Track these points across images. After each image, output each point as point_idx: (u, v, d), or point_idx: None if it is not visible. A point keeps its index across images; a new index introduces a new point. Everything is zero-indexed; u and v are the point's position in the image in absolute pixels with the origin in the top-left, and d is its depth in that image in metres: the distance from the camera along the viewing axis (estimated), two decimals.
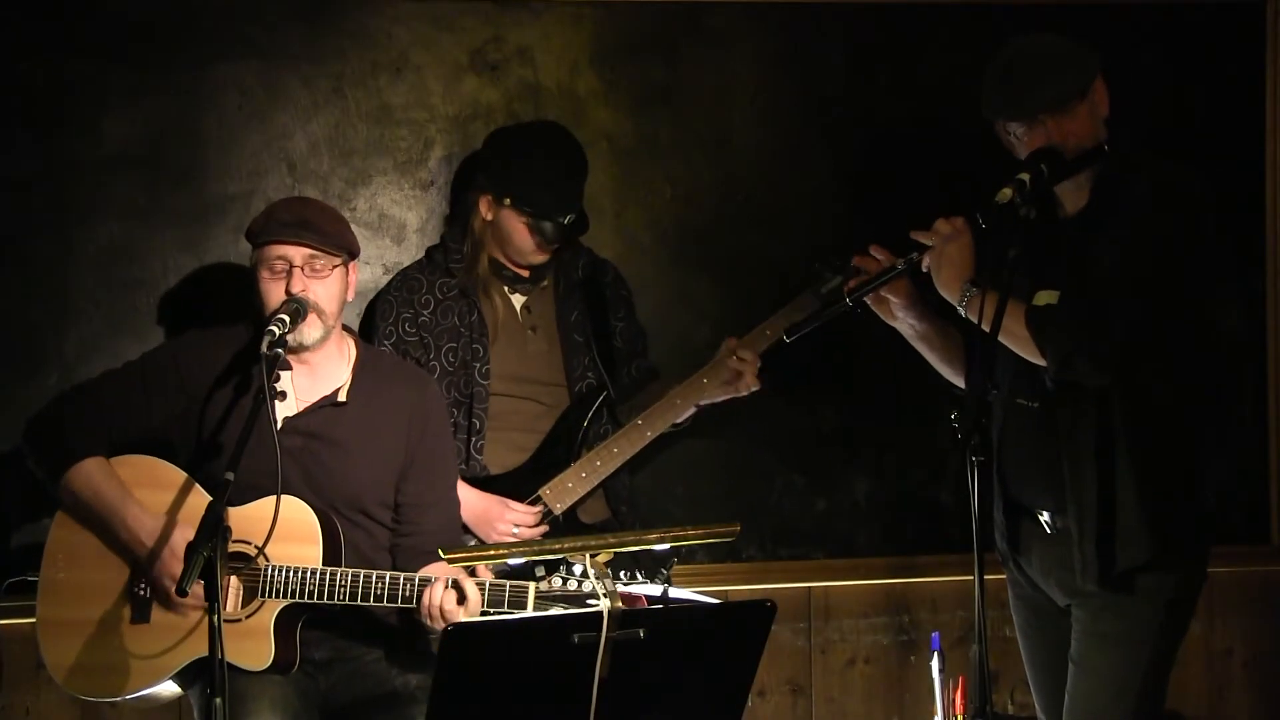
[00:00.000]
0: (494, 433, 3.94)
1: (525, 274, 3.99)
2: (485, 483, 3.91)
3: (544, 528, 3.89)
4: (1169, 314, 3.26)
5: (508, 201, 3.88)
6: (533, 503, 3.90)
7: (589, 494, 3.93)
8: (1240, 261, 4.45)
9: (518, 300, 4.02)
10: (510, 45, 4.24)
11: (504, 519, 3.86)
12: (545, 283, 4.04)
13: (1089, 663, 3.37)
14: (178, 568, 3.39)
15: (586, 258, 4.10)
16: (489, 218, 3.93)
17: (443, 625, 3.31)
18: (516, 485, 3.92)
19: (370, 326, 4.04)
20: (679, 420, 3.95)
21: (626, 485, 4.09)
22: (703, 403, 3.94)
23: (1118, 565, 3.29)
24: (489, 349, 3.95)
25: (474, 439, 3.92)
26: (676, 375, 3.97)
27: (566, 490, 3.90)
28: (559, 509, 3.90)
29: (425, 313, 3.95)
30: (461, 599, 3.36)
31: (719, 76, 4.34)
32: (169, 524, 3.45)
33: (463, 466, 3.91)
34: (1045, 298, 3.31)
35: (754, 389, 3.90)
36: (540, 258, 3.95)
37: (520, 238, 3.91)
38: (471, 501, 3.85)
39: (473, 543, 3.88)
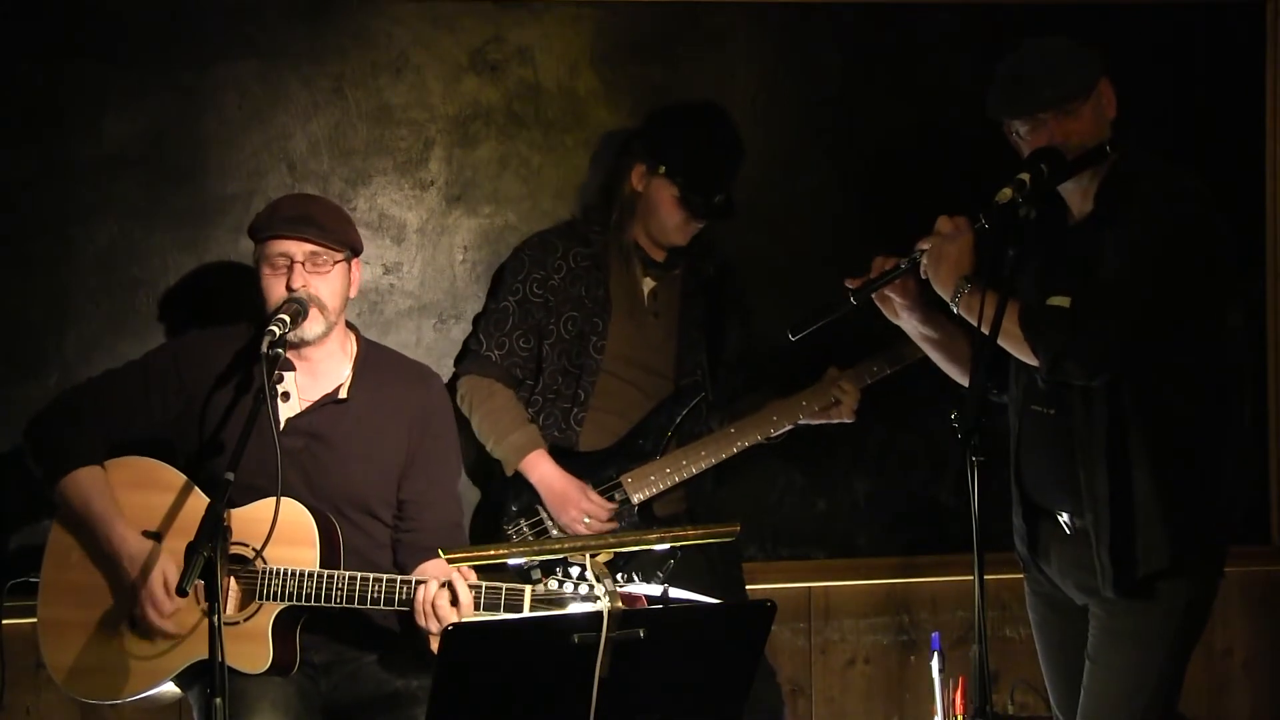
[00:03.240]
0: (590, 410, 3.97)
1: (659, 258, 4.01)
2: (570, 457, 3.94)
3: (614, 524, 3.92)
4: (1176, 318, 3.26)
5: (662, 170, 3.91)
6: (613, 487, 3.94)
7: (668, 490, 3.97)
8: (1240, 261, 4.45)
9: (647, 284, 4.04)
10: (510, 45, 4.24)
11: (580, 505, 3.90)
12: (676, 272, 4.06)
13: (1105, 660, 3.38)
14: (154, 597, 3.39)
15: (719, 259, 4.12)
16: (639, 188, 3.96)
17: (437, 626, 3.31)
18: (598, 466, 3.96)
19: (498, 283, 4.08)
20: (773, 434, 3.98)
21: (710, 488, 4.11)
22: (800, 422, 3.98)
23: (1139, 571, 3.30)
24: (609, 325, 3.97)
25: (576, 410, 3.96)
26: (778, 389, 4.02)
27: (648, 482, 3.94)
28: (637, 499, 3.94)
29: (556, 277, 3.98)
30: (455, 600, 3.35)
31: (719, 76, 4.34)
32: (152, 551, 3.44)
33: (556, 434, 3.96)
34: (1056, 304, 3.32)
35: (848, 420, 3.97)
36: (681, 237, 3.97)
37: (667, 211, 3.93)
38: (553, 479, 3.90)
39: (551, 526, 3.93)
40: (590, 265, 4.00)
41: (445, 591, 3.34)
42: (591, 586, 3.13)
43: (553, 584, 3.25)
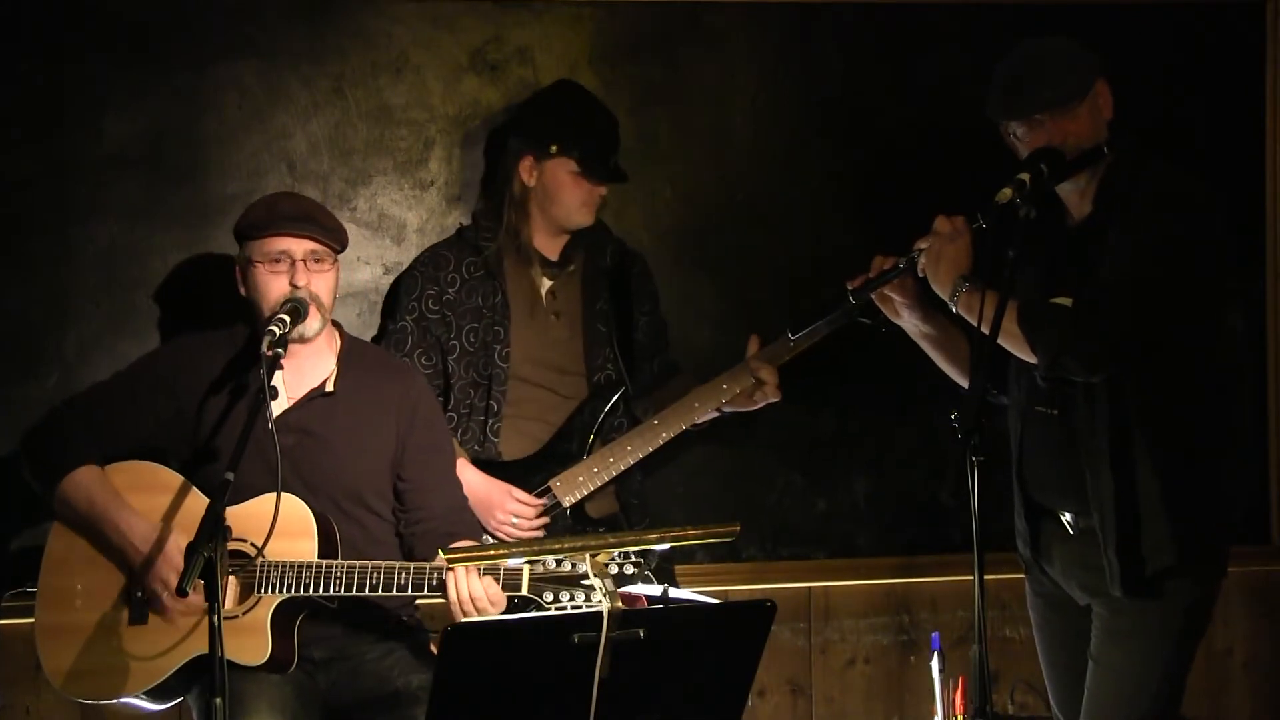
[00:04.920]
0: (507, 420, 3.94)
1: (554, 256, 3.98)
2: (496, 468, 3.91)
3: (545, 520, 3.89)
4: (1174, 317, 3.26)
5: (554, 150, 3.88)
6: (542, 493, 3.91)
7: (599, 489, 3.93)
8: (1240, 261, 4.45)
9: (544, 284, 4.01)
10: (510, 45, 4.24)
11: (505, 507, 3.85)
12: (572, 268, 4.03)
13: (1108, 660, 3.38)
14: (171, 572, 3.40)
15: (616, 246, 4.10)
16: (530, 182, 3.93)
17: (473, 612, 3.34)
18: (526, 474, 3.92)
19: (394, 302, 4.05)
20: (697, 421, 3.95)
21: (638, 481, 4.09)
22: (724, 409, 3.94)
23: (1146, 570, 3.30)
24: (510, 331, 3.94)
25: (490, 421, 3.92)
26: (697, 375, 3.99)
27: (577, 484, 3.90)
28: (568, 502, 3.90)
29: (451, 290, 3.95)
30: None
31: (719, 76, 4.34)
32: (163, 529, 3.45)
33: (476, 448, 3.92)
34: (1058, 303, 3.32)
35: (772, 400, 3.90)
36: (587, 215, 3.94)
37: (568, 192, 3.90)
38: (476, 485, 3.85)
39: (485, 537, 3.88)
40: (484, 274, 3.95)
41: (489, 576, 3.33)
42: (587, 574, 3.14)
43: (551, 589, 3.25)
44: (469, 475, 3.86)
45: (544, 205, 3.93)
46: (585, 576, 3.18)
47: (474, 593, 3.34)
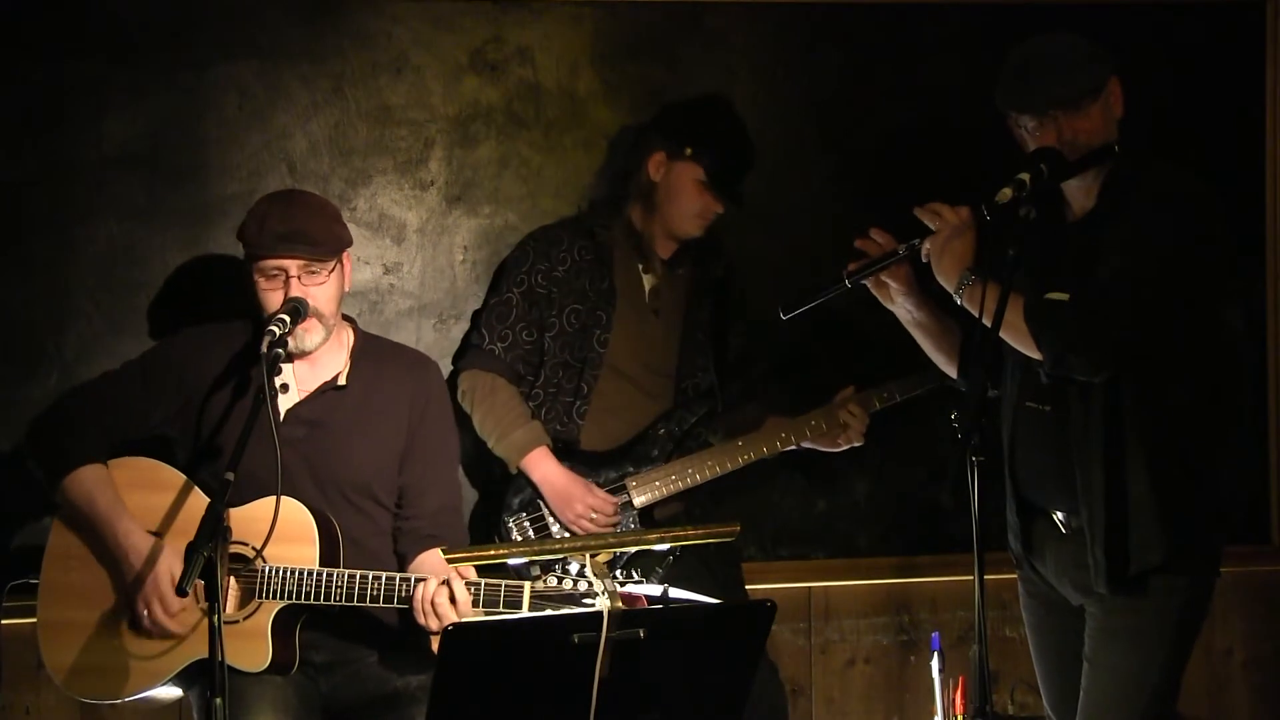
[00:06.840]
0: (591, 408, 3.96)
1: (666, 255, 4.01)
2: (571, 456, 3.93)
3: (618, 517, 3.92)
4: (1176, 315, 3.26)
5: (688, 152, 3.90)
6: (618, 489, 3.94)
7: (671, 497, 3.98)
8: (1240, 261, 4.45)
9: (648, 281, 4.02)
10: (510, 45, 4.24)
11: (584, 501, 3.88)
12: (681, 270, 4.05)
13: (1103, 660, 3.38)
14: (155, 597, 3.40)
15: (727, 260, 4.12)
16: (656, 178, 3.95)
17: (436, 624, 3.31)
18: (598, 468, 3.95)
19: (499, 276, 4.07)
20: (780, 449, 4.00)
21: (705, 488, 4.09)
22: (807, 443, 3.99)
23: (1132, 567, 3.30)
24: (612, 318, 3.95)
25: (578, 403, 3.95)
26: (783, 404, 4.04)
27: (653, 487, 3.95)
28: (639, 502, 3.94)
29: (560, 269, 3.97)
30: (453, 598, 3.34)
31: (719, 76, 4.34)
32: (157, 545, 3.44)
33: (558, 427, 3.95)
34: (1055, 298, 3.31)
35: (855, 444, 3.98)
36: (697, 226, 3.96)
37: (687, 198, 3.92)
38: (555, 477, 3.89)
39: (553, 522, 3.92)
40: (594, 259, 3.98)
41: (444, 589, 3.34)
42: (590, 583, 3.13)
43: (551, 580, 3.24)
44: (548, 467, 3.89)
45: (661, 204, 3.95)
46: (588, 595, 3.16)
47: (437, 599, 3.33)
